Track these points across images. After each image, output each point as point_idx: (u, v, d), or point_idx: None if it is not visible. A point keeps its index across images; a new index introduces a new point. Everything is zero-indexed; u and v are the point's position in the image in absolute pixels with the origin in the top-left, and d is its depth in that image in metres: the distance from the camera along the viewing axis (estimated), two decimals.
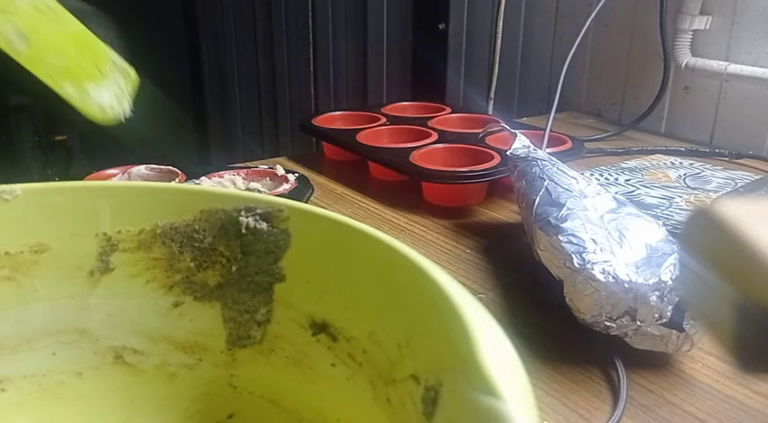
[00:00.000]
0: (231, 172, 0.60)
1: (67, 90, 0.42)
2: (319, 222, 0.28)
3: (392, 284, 0.25)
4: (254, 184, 0.59)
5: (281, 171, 0.61)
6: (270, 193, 0.56)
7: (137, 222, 0.30)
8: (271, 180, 0.60)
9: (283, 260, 0.29)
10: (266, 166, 0.62)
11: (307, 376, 0.28)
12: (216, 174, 0.60)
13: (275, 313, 0.29)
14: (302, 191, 0.59)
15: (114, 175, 0.59)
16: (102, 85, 0.44)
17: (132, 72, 0.45)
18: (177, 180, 0.58)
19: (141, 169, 0.59)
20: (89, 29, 0.44)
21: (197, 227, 0.30)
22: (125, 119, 0.44)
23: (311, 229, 0.28)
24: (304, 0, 1.51)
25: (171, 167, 0.59)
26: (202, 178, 0.59)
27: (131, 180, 0.58)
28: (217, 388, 0.30)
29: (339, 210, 0.60)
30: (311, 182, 0.62)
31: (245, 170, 0.61)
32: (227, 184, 0.59)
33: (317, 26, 1.51)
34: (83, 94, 0.43)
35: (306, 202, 0.57)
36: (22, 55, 0.42)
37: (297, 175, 0.61)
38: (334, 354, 0.27)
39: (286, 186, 0.58)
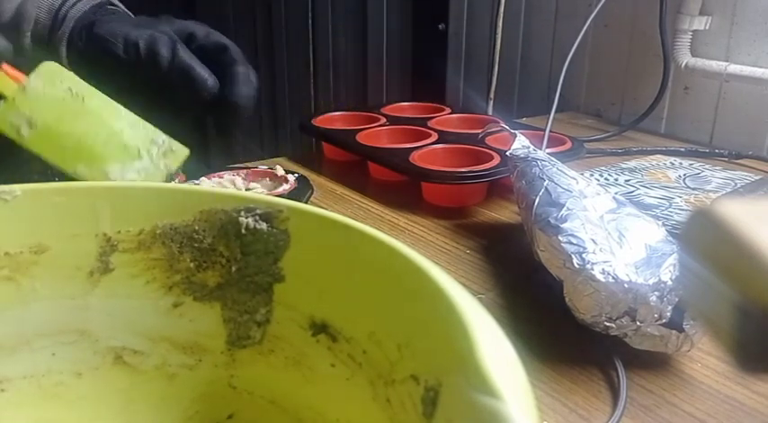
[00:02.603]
0: (231, 172, 0.60)
1: (79, 170, 0.44)
2: (319, 223, 0.28)
3: (392, 285, 0.25)
4: (253, 185, 0.59)
5: (280, 171, 0.61)
6: (269, 194, 0.56)
7: (136, 223, 0.30)
8: (270, 180, 0.60)
9: (283, 260, 0.29)
10: (266, 167, 0.62)
11: (306, 377, 0.28)
12: (216, 174, 0.60)
13: (275, 313, 0.29)
14: (302, 191, 0.59)
15: None
16: (131, 164, 0.45)
17: (180, 149, 0.47)
18: (177, 180, 0.58)
19: None
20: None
21: (197, 227, 0.30)
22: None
23: (311, 229, 0.28)
24: (304, 0, 1.51)
25: None
26: (202, 179, 0.59)
27: None
28: (216, 388, 0.30)
29: (339, 210, 0.60)
30: (311, 182, 0.62)
31: (245, 170, 0.61)
32: (227, 185, 0.59)
33: (317, 26, 1.51)
34: (98, 173, 0.44)
35: (305, 203, 0.57)
36: (25, 139, 0.44)
37: (296, 175, 0.61)
38: (334, 354, 0.27)
39: (285, 187, 0.58)
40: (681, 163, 0.72)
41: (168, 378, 0.30)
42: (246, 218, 0.29)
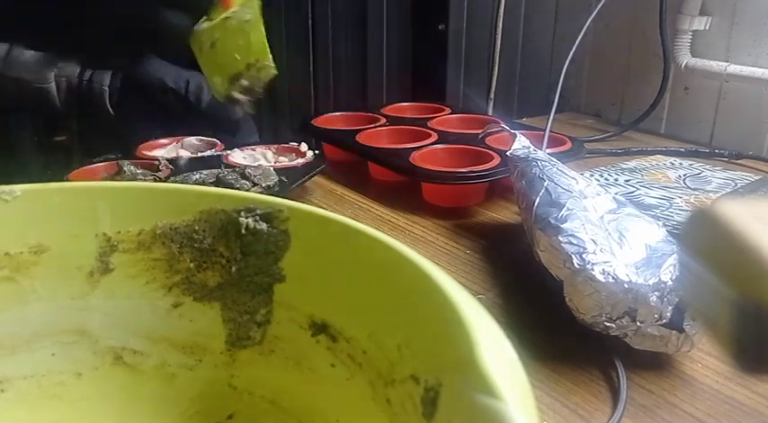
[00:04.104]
0: (263, 146, 0.66)
1: (214, 81, 0.57)
2: (319, 223, 0.28)
3: (392, 285, 0.25)
4: (282, 158, 0.65)
5: (304, 147, 0.66)
6: (285, 165, 0.63)
7: (136, 223, 0.30)
8: (296, 155, 0.65)
9: (283, 261, 0.29)
10: (295, 144, 0.67)
11: (306, 377, 0.28)
12: (249, 147, 0.66)
13: (275, 314, 0.29)
14: (316, 165, 0.63)
15: (165, 145, 0.66)
16: (241, 79, 0.57)
17: (274, 69, 0.59)
18: (216, 149, 0.65)
19: (192, 140, 0.67)
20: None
21: (197, 227, 0.30)
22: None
23: (311, 229, 0.28)
24: (304, 0, 1.51)
25: (212, 139, 0.67)
26: (235, 150, 0.64)
27: (185, 149, 0.66)
28: (216, 388, 0.30)
29: (339, 210, 0.60)
30: (325, 158, 0.66)
31: (276, 145, 0.66)
32: (259, 157, 0.65)
33: (317, 26, 1.51)
34: (223, 87, 0.57)
35: (316, 175, 0.62)
36: (202, 54, 0.55)
37: (316, 152, 0.66)
38: (334, 354, 0.27)
39: (300, 161, 0.63)
40: (681, 163, 0.72)
41: (168, 378, 0.30)
42: (246, 218, 0.29)
